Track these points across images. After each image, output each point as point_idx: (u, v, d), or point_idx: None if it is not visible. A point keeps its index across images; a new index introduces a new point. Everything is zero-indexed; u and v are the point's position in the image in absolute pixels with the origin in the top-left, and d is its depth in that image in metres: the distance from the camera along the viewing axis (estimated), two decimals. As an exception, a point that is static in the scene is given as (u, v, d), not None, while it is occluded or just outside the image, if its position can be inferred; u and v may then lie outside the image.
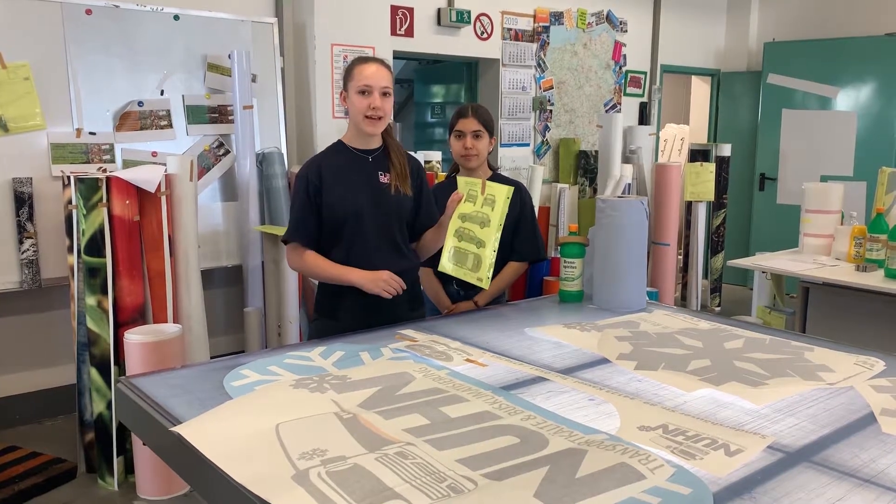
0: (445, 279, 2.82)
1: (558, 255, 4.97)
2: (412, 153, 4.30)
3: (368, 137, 2.40)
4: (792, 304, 3.83)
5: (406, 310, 2.47)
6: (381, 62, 2.38)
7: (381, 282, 2.28)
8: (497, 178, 2.87)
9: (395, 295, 2.30)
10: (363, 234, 2.38)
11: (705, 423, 1.54)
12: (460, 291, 2.80)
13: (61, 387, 3.88)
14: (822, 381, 1.82)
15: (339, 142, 2.46)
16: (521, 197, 2.83)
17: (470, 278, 2.39)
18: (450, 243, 2.45)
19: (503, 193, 2.35)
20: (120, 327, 3.22)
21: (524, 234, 2.83)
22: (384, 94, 2.33)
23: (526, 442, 1.43)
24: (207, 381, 1.81)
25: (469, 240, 2.39)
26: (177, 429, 1.49)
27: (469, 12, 5.45)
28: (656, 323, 2.35)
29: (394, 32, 5.10)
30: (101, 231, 3.18)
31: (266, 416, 1.56)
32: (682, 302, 6.27)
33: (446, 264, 2.47)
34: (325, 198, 2.36)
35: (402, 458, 1.34)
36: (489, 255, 2.34)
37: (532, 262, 2.89)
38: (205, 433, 1.48)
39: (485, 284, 2.37)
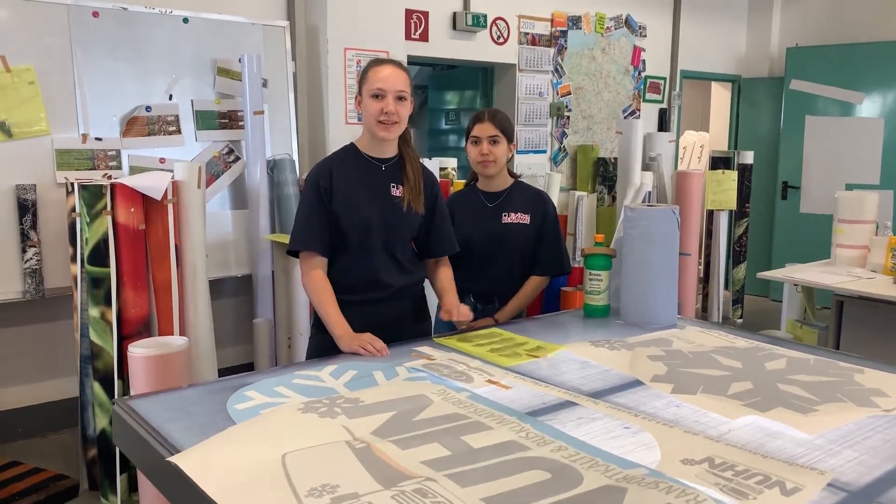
0: (462, 292, 2.68)
1: (577, 265, 4.83)
2: (427, 160, 4.21)
3: (383, 144, 2.26)
4: (824, 319, 3.67)
5: (411, 323, 2.34)
6: (398, 64, 2.24)
7: (360, 342, 2.05)
8: (520, 186, 2.73)
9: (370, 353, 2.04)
10: (368, 248, 2.25)
11: (755, 456, 1.39)
12: (478, 305, 2.66)
13: (66, 399, 3.77)
14: (878, 408, 1.67)
15: (352, 145, 2.32)
16: (544, 207, 2.69)
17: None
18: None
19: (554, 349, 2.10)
20: (124, 340, 3.10)
21: (547, 246, 2.68)
22: (399, 99, 2.18)
23: (558, 477, 1.29)
24: (209, 404, 1.68)
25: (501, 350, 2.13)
26: (174, 458, 1.36)
27: (485, 16, 5.33)
28: (690, 340, 2.20)
29: (408, 37, 4.98)
30: (104, 240, 3.07)
31: (271, 444, 1.42)
32: (703, 313, 6.09)
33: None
34: (332, 206, 2.22)
35: (421, 497, 1.20)
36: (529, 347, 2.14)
37: (554, 276, 2.74)
38: (204, 464, 1.34)
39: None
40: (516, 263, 2.66)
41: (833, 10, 6.85)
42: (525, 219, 2.65)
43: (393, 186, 2.27)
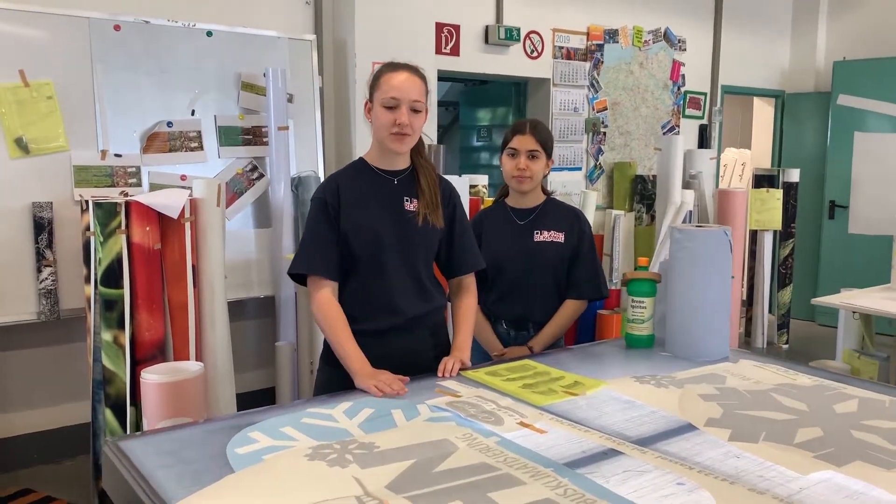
0: (493, 318, 2.49)
1: (613, 287, 4.59)
2: (457, 177, 4.04)
3: (394, 156, 2.07)
4: (882, 347, 3.41)
5: (430, 358, 2.08)
6: (414, 70, 2.03)
7: (377, 382, 1.84)
8: (553, 203, 2.53)
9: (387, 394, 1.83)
10: (383, 271, 2.04)
11: (837, 525, 1.18)
12: (510, 332, 2.46)
13: (81, 424, 3.63)
14: (976, 463, 1.44)
15: (361, 160, 2.13)
16: (579, 226, 2.48)
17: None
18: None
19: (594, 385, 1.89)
20: (137, 365, 2.95)
21: (583, 268, 2.47)
22: (414, 110, 1.99)
23: (603, 550, 1.09)
24: (208, 446, 1.50)
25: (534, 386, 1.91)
26: (158, 515, 1.18)
27: (518, 30, 5.16)
28: (745, 376, 1.98)
29: (439, 51, 4.83)
30: (118, 260, 2.94)
31: (271, 500, 1.24)
32: (747, 338, 5.81)
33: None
34: (341, 225, 2.03)
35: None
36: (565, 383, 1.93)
37: (592, 300, 2.53)
38: (191, 523, 1.17)
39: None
40: (550, 285, 2.46)
41: (882, 21, 6.56)
42: (559, 237, 2.45)
43: (407, 200, 2.07)
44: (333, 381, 1.97)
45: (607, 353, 2.26)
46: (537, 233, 2.45)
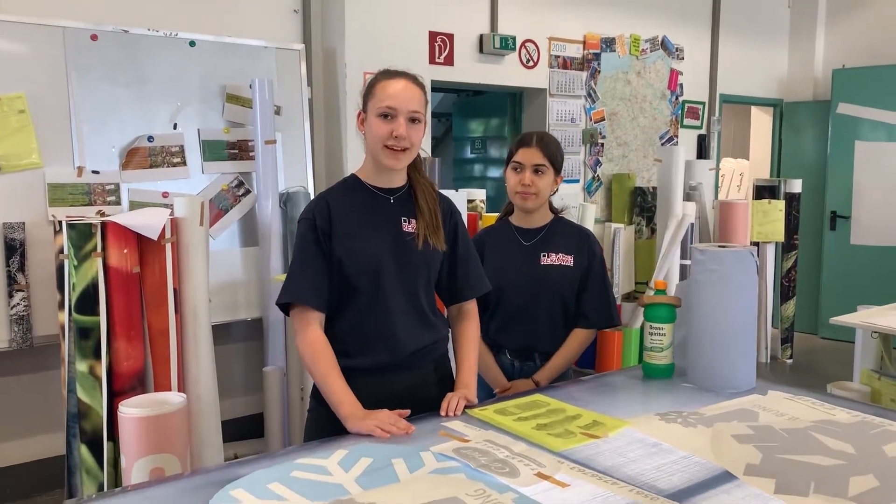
0: (496, 348, 2.30)
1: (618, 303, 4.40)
2: (453, 191, 3.87)
3: (390, 172, 1.88)
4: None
5: (434, 394, 1.87)
6: (413, 78, 1.85)
7: (377, 422, 1.66)
8: (560, 223, 2.35)
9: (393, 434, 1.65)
10: (382, 300, 1.84)
11: None
12: (514, 363, 2.27)
13: (58, 457, 3.42)
14: None
15: (353, 176, 1.95)
16: (589, 247, 2.30)
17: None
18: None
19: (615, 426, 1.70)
20: (115, 397, 2.76)
21: (594, 294, 2.28)
22: (413, 121, 1.81)
23: None
24: (184, 509, 1.32)
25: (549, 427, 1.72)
26: None
27: (514, 38, 5.00)
28: (779, 412, 1.80)
29: (432, 60, 4.67)
30: (94, 285, 2.74)
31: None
32: (751, 353, 5.64)
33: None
34: (333, 250, 1.83)
35: None
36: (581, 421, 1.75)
37: (602, 328, 2.35)
38: None
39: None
40: (558, 313, 2.27)
41: (882, 28, 6.46)
42: (568, 260, 2.27)
43: (405, 221, 1.89)
44: (327, 423, 1.77)
45: (623, 385, 2.09)
46: (544, 255, 2.26)
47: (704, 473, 1.45)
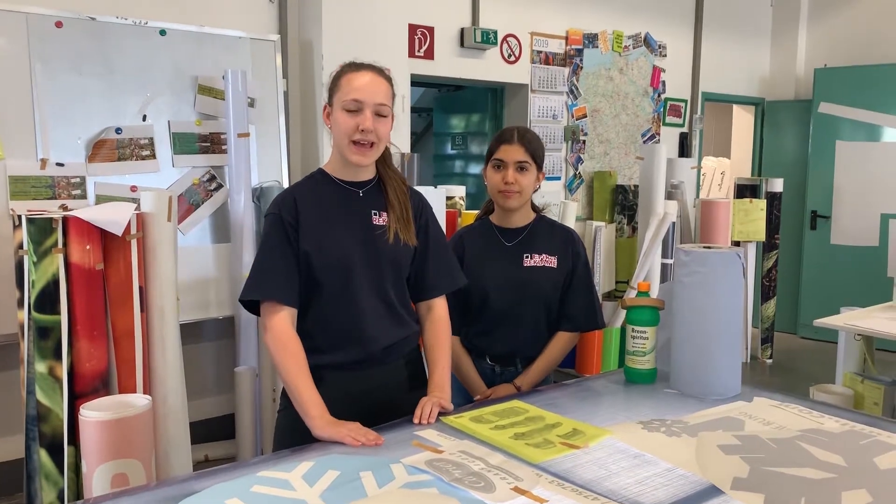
0: (476, 353, 2.21)
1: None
2: (432, 188, 3.78)
3: (357, 167, 1.82)
4: (887, 367, 3.21)
5: (405, 391, 1.85)
6: (380, 71, 1.79)
7: (346, 431, 1.59)
8: (543, 222, 2.27)
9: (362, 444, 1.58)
10: (352, 295, 1.78)
11: None
12: (495, 368, 2.19)
13: (17, 461, 3.30)
14: None
15: (320, 170, 1.88)
16: (574, 248, 2.22)
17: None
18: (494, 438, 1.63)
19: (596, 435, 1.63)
20: (77, 399, 2.63)
21: (578, 297, 2.20)
22: (380, 115, 1.75)
23: None
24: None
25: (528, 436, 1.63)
26: None
27: (495, 32, 4.92)
28: (766, 420, 1.73)
29: (412, 54, 4.58)
30: (54, 282, 2.62)
31: None
32: (731, 353, 5.61)
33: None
34: (301, 245, 1.76)
35: None
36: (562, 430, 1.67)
37: (586, 332, 2.27)
38: None
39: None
40: (542, 316, 2.18)
41: (864, 28, 6.44)
42: (551, 261, 2.19)
43: (375, 214, 1.83)
44: (298, 424, 1.69)
45: (605, 391, 2.01)
46: (527, 256, 2.18)
47: (689, 488, 1.38)
